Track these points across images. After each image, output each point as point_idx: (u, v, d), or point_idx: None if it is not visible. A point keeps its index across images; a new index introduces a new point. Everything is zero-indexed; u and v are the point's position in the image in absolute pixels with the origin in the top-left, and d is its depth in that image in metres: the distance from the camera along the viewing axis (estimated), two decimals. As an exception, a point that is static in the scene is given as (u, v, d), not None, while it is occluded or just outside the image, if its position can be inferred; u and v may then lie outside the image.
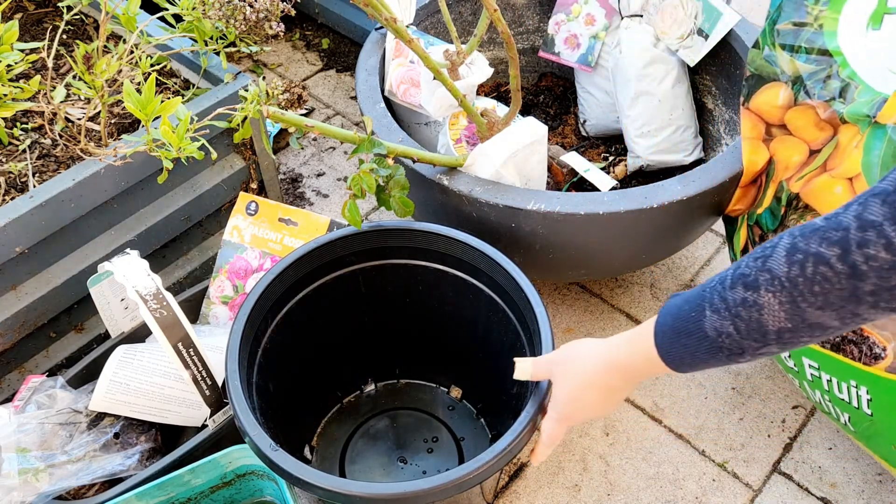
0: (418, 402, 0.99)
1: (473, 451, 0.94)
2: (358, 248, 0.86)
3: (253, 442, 0.68)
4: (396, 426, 0.97)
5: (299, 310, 0.85)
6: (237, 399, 0.70)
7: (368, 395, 1.00)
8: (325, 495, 0.65)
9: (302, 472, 0.65)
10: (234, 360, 0.73)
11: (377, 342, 0.95)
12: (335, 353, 0.93)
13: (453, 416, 0.97)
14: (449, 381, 1.00)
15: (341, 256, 0.85)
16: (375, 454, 0.94)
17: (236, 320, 0.75)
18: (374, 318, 0.93)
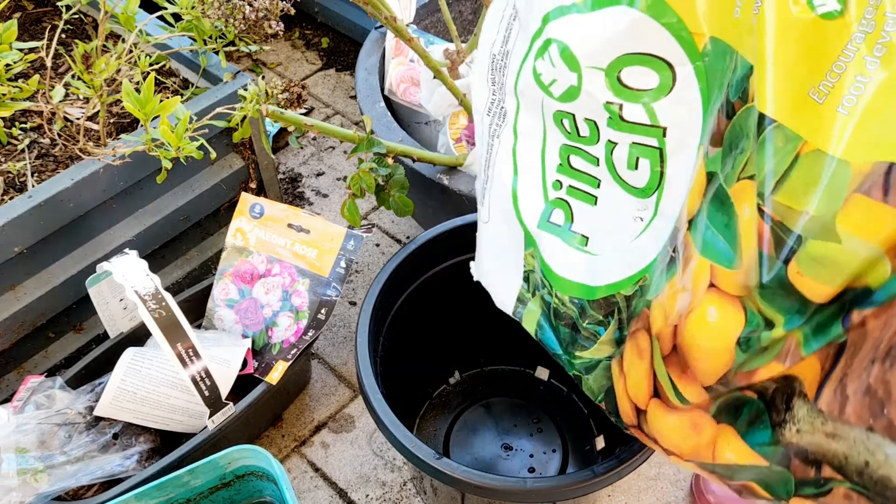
0: (507, 386, 1.00)
1: (573, 429, 0.96)
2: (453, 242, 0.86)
3: (414, 454, 0.67)
4: (491, 414, 0.98)
5: (405, 309, 0.86)
6: (383, 413, 0.70)
7: (456, 386, 1.01)
8: (504, 496, 0.66)
9: (478, 479, 0.65)
10: (370, 376, 0.73)
11: (463, 333, 0.96)
12: (428, 348, 0.94)
13: (545, 397, 0.98)
14: (533, 363, 1.00)
15: (437, 253, 0.86)
16: (480, 445, 0.95)
17: (358, 344, 0.76)
18: (461, 309, 0.93)
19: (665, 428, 0.54)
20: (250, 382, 0.88)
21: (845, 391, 0.42)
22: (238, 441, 0.81)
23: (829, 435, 0.43)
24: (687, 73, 0.51)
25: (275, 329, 0.92)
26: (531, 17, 0.57)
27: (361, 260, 1.19)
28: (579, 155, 0.60)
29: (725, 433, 0.50)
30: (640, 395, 0.56)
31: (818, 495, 0.45)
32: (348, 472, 0.95)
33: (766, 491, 0.49)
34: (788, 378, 0.45)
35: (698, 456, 0.52)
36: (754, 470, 0.49)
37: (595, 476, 0.65)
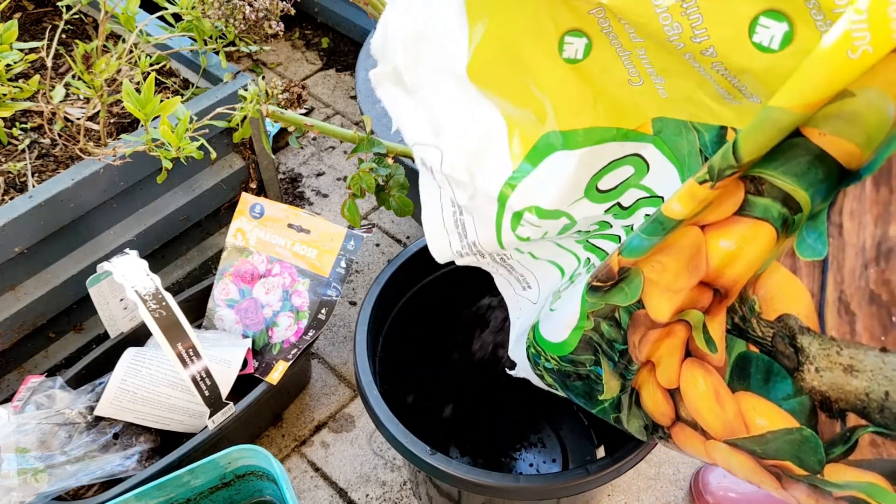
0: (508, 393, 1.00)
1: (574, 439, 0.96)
2: None
3: (408, 449, 0.67)
4: (492, 420, 0.98)
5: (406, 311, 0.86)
6: (379, 408, 0.70)
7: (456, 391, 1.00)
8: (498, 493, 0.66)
9: (471, 475, 0.65)
10: (368, 373, 0.73)
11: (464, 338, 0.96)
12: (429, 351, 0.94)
13: (547, 405, 0.98)
14: None
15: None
16: (479, 452, 0.95)
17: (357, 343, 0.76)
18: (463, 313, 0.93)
19: (696, 399, 0.53)
20: (250, 382, 0.88)
21: (850, 308, 0.40)
22: (238, 441, 0.81)
23: (848, 369, 0.42)
24: (652, 153, 0.54)
25: (275, 329, 0.92)
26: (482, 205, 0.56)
27: (362, 260, 1.19)
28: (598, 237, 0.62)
29: (747, 398, 0.50)
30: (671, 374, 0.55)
31: (847, 452, 0.44)
32: (348, 471, 0.95)
33: (800, 466, 0.48)
34: (782, 319, 0.45)
35: (733, 432, 0.51)
36: (787, 438, 0.48)
37: (588, 474, 0.65)
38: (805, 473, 0.48)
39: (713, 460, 0.56)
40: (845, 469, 0.45)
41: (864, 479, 0.44)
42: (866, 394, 0.41)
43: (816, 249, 0.42)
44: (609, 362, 0.58)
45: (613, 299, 0.54)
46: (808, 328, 0.43)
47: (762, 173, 0.43)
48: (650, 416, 0.59)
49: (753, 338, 0.48)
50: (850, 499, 0.45)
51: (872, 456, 0.42)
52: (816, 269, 0.42)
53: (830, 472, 0.46)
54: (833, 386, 0.43)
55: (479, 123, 0.55)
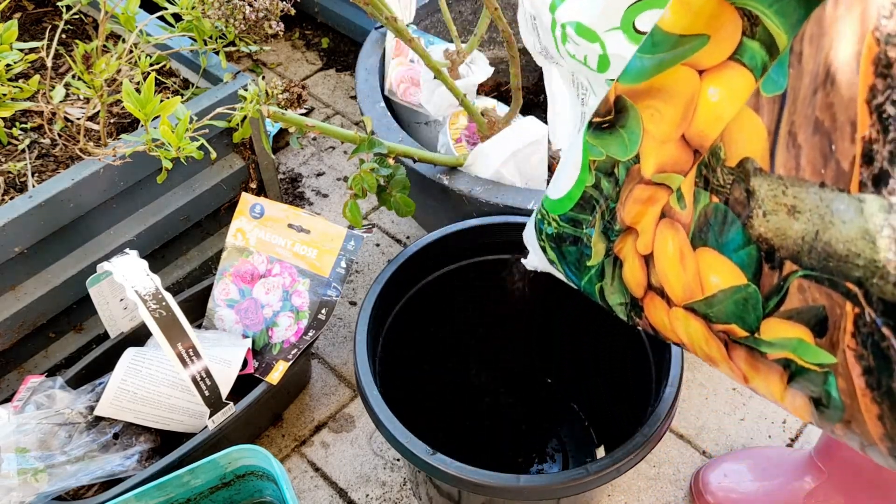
0: (509, 393, 1.00)
1: (574, 439, 0.96)
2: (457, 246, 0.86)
3: (408, 449, 0.67)
4: (491, 420, 0.98)
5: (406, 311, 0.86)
6: (379, 408, 0.70)
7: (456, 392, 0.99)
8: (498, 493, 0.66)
9: (471, 475, 0.65)
10: (368, 373, 0.73)
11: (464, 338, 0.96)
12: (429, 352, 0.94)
13: (546, 406, 0.98)
14: (536, 369, 1.00)
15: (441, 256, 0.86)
16: (479, 452, 0.94)
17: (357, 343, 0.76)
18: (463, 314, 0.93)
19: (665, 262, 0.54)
20: (250, 382, 0.88)
21: (797, 140, 0.40)
22: (238, 441, 0.81)
23: (791, 210, 0.41)
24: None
25: (275, 329, 0.92)
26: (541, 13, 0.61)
27: (362, 260, 1.19)
28: None
29: (704, 255, 0.50)
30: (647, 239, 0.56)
31: (779, 303, 0.45)
32: (348, 471, 0.95)
33: (742, 328, 0.49)
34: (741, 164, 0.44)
35: (691, 294, 0.52)
36: (734, 298, 0.48)
37: (588, 474, 0.65)
38: (745, 334, 0.48)
39: (674, 330, 0.55)
40: (777, 324, 0.45)
41: (792, 335, 0.44)
42: (802, 237, 0.41)
43: (778, 82, 0.40)
44: (601, 222, 0.59)
45: (613, 149, 0.54)
46: (761, 168, 0.43)
47: (758, 10, 0.43)
48: (628, 288, 0.59)
49: (716, 187, 0.47)
50: (782, 361, 0.46)
51: (799, 304, 0.43)
52: (776, 104, 0.41)
53: (765, 329, 0.46)
54: (777, 232, 0.43)
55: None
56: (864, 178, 0.36)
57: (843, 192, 0.37)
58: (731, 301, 0.48)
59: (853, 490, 0.81)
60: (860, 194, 0.36)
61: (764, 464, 0.89)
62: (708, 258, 0.49)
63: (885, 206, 0.35)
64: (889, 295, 0.36)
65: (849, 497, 0.81)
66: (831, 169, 0.38)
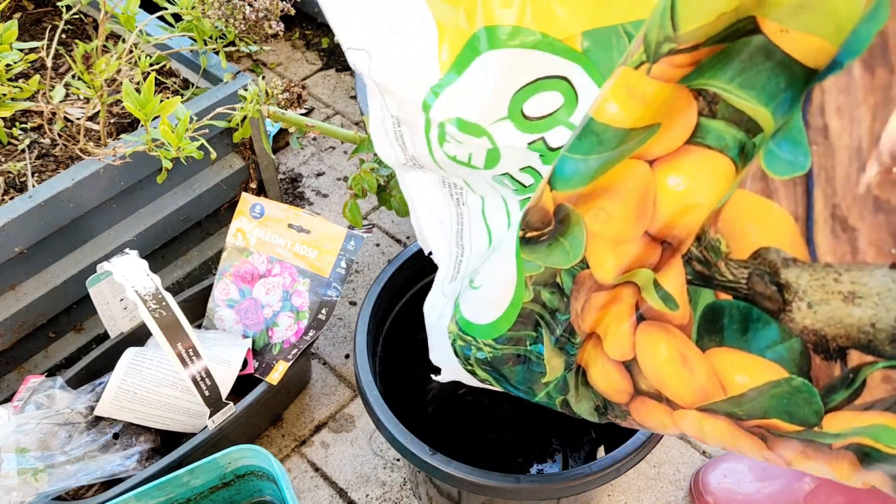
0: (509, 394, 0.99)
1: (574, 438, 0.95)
2: None
3: (408, 449, 0.67)
4: (492, 421, 0.97)
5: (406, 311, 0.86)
6: (379, 408, 0.70)
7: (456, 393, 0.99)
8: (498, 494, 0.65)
9: (471, 475, 0.65)
10: (368, 373, 0.73)
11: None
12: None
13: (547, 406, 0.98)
14: None
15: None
16: (479, 453, 0.94)
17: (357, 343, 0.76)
18: None
19: (659, 367, 0.48)
20: (250, 382, 0.88)
21: (848, 224, 0.34)
22: (238, 441, 0.81)
23: (848, 298, 0.36)
24: (581, 78, 0.50)
25: (275, 329, 0.92)
26: (411, 116, 0.54)
27: (362, 260, 1.19)
28: None
29: (721, 355, 0.44)
30: (623, 345, 0.49)
31: (852, 397, 0.39)
32: (348, 471, 0.95)
33: (791, 422, 0.42)
34: (759, 255, 0.39)
35: (706, 396, 0.45)
36: (773, 393, 0.42)
37: (589, 474, 0.65)
38: (798, 429, 0.42)
39: (680, 431, 0.50)
40: (850, 416, 0.40)
41: (872, 422, 0.39)
42: (872, 324, 0.36)
43: (796, 163, 0.35)
44: (551, 337, 0.53)
45: (553, 259, 0.48)
46: (795, 259, 0.37)
47: (716, 87, 0.38)
48: (602, 394, 0.54)
49: (723, 284, 0.41)
50: (853, 446, 0.41)
51: (886, 394, 0.37)
52: (798, 186, 0.36)
53: (830, 423, 0.40)
54: (831, 321, 0.37)
55: (410, 27, 0.51)
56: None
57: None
58: (769, 396, 0.43)
59: (853, 491, 0.81)
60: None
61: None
62: (727, 358, 0.43)
63: None
64: None
65: (849, 498, 0.81)
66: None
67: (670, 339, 0.46)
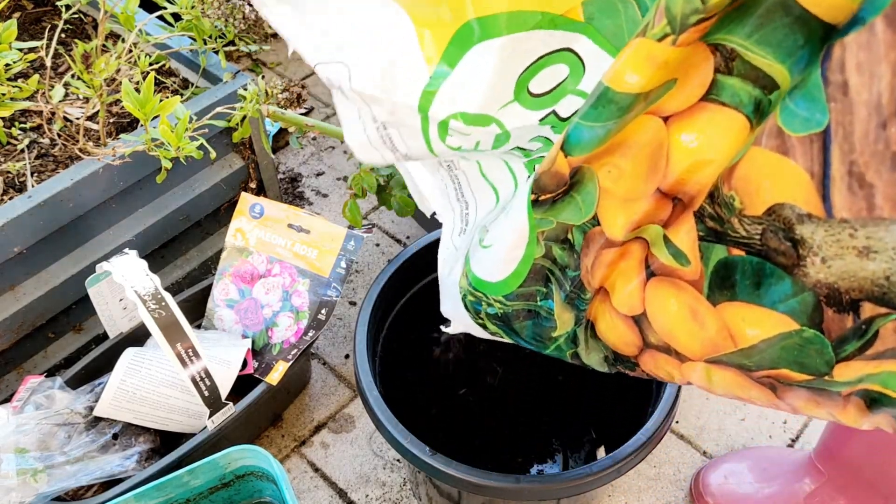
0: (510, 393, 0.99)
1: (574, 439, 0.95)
2: None
3: (408, 450, 0.67)
4: (492, 422, 0.97)
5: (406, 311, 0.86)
6: (379, 408, 0.70)
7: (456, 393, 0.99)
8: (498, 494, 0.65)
9: (471, 475, 0.65)
10: (368, 374, 0.73)
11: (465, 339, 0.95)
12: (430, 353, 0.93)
13: (548, 407, 0.97)
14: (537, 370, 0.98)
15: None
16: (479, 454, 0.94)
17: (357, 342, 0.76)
18: None
19: (669, 322, 0.48)
20: (250, 382, 0.88)
21: (865, 180, 0.34)
22: (238, 441, 0.81)
23: (863, 252, 0.36)
24: (585, 46, 0.49)
25: (275, 329, 0.92)
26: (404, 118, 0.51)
27: (362, 260, 1.19)
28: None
29: (733, 309, 0.44)
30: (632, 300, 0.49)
31: (864, 347, 0.39)
32: (348, 472, 0.95)
33: (801, 372, 0.43)
34: (773, 211, 0.39)
35: (716, 349, 0.46)
36: (784, 344, 0.42)
37: (589, 474, 0.65)
38: (808, 378, 0.43)
39: (687, 381, 0.51)
40: (861, 364, 0.40)
41: (882, 370, 0.40)
42: (887, 276, 0.36)
43: (813, 119, 0.35)
44: (561, 292, 0.53)
45: (565, 215, 0.48)
46: (810, 214, 0.37)
47: (734, 42, 0.37)
48: (612, 347, 0.54)
49: (736, 240, 0.42)
50: (861, 393, 0.42)
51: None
52: (815, 143, 0.36)
53: (841, 372, 0.41)
54: (844, 275, 0.38)
55: (384, 29, 0.49)
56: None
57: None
58: (780, 348, 0.43)
59: (853, 491, 0.81)
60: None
61: (764, 464, 0.89)
62: (739, 312, 0.44)
63: None
64: None
65: (849, 498, 0.81)
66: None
67: (680, 294, 0.46)
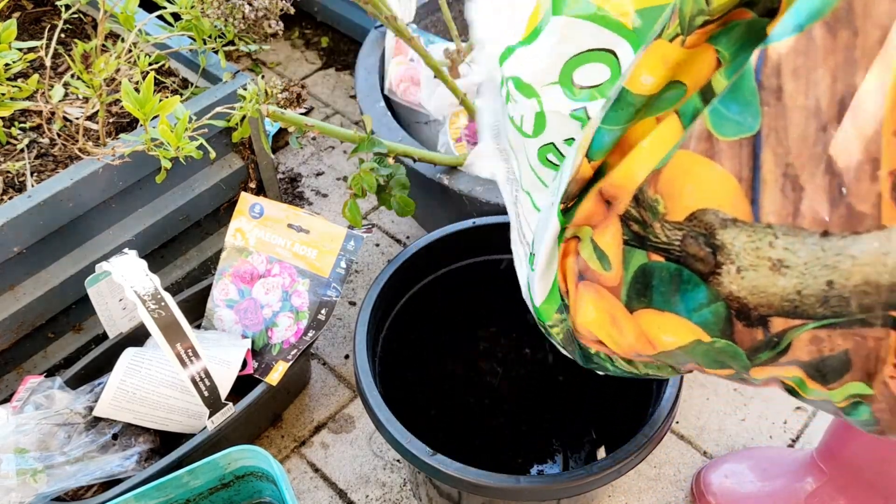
0: (510, 394, 0.99)
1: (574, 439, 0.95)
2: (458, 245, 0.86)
3: (408, 450, 0.67)
4: (492, 422, 0.97)
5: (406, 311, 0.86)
6: (379, 409, 0.70)
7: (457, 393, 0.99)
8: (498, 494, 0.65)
9: (471, 476, 0.65)
10: (367, 374, 0.73)
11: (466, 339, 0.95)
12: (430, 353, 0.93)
13: (547, 406, 0.97)
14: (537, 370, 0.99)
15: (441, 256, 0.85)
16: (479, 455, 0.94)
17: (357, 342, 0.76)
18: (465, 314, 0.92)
19: (590, 325, 0.50)
20: (250, 382, 0.87)
21: (798, 182, 0.35)
22: (238, 441, 0.81)
23: (776, 266, 0.37)
24: (626, 53, 0.52)
25: (275, 329, 0.92)
26: (495, 73, 0.58)
27: (361, 260, 1.19)
28: None
29: (649, 317, 0.45)
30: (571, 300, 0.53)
31: (778, 356, 0.41)
32: (348, 472, 0.95)
33: (721, 369, 0.45)
34: (695, 217, 0.40)
35: (638, 352, 0.48)
36: (699, 350, 0.44)
37: (589, 475, 0.65)
38: (729, 373, 0.45)
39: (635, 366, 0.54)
40: (775, 369, 0.42)
41: (795, 375, 0.42)
42: (798, 291, 0.37)
43: (745, 124, 0.36)
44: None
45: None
46: (735, 219, 0.38)
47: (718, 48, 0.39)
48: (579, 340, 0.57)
49: (656, 245, 0.42)
50: (778, 381, 0.44)
51: (809, 356, 0.39)
52: (745, 147, 0.36)
53: (758, 373, 0.43)
54: (754, 290, 0.38)
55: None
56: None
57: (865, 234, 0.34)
58: (697, 353, 0.45)
59: (854, 491, 0.81)
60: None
61: (765, 464, 0.89)
62: (655, 320, 0.45)
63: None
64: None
65: (850, 498, 0.81)
66: (839, 215, 0.34)
67: (599, 302, 0.48)
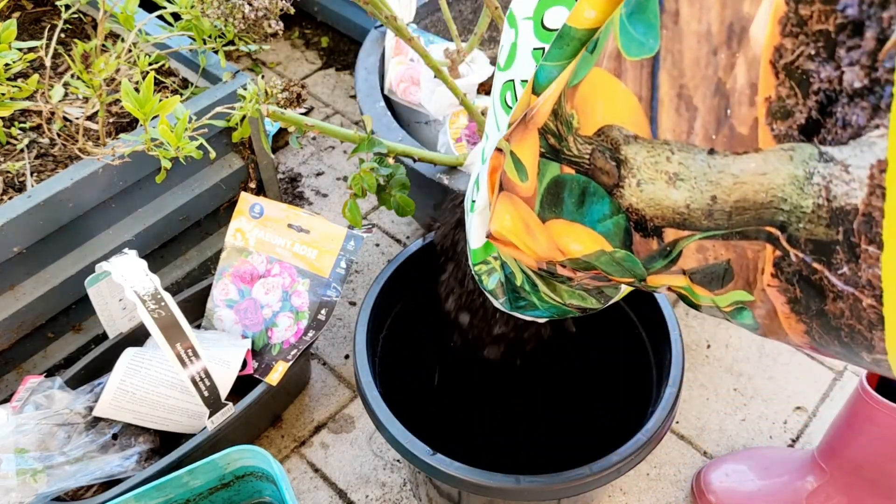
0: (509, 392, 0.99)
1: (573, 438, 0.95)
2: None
3: (408, 450, 0.67)
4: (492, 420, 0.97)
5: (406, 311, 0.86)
6: (379, 408, 0.70)
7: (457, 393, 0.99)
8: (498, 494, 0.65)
9: (471, 475, 0.65)
10: (367, 374, 0.73)
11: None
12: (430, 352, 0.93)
13: (546, 404, 0.97)
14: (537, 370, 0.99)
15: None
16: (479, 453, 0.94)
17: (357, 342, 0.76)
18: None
19: (505, 233, 0.54)
20: (250, 383, 0.87)
21: (692, 103, 0.37)
22: (238, 441, 0.81)
23: (671, 179, 0.39)
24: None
25: (275, 329, 0.92)
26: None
27: (361, 260, 1.19)
28: None
29: (558, 226, 0.48)
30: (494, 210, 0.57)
31: (670, 264, 0.44)
32: (348, 472, 0.95)
33: (622, 277, 0.49)
34: (603, 132, 0.42)
35: (551, 258, 0.52)
36: (602, 259, 0.48)
37: (589, 475, 0.65)
38: (629, 280, 0.49)
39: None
40: (667, 277, 0.46)
41: (684, 283, 0.45)
42: (687, 205, 0.40)
43: (647, 45, 0.38)
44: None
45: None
46: (636, 136, 0.40)
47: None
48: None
49: (569, 158, 0.45)
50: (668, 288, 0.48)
51: (697, 263, 0.43)
52: (644, 68, 0.39)
53: (653, 281, 0.47)
54: (651, 202, 0.41)
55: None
56: (784, 132, 0.35)
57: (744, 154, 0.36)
58: (600, 262, 0.49)
59: (855, 490, 0.81)
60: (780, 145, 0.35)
61: (765, 464, 0.89)
62: (564, 229, 0.49)
63: (815, 154, 0.34)
64: (821, 235, 0.35)
65: (851, 497, 0.81)
66: (724, 135, 0.36)
67: (514, 211, 0.52)
